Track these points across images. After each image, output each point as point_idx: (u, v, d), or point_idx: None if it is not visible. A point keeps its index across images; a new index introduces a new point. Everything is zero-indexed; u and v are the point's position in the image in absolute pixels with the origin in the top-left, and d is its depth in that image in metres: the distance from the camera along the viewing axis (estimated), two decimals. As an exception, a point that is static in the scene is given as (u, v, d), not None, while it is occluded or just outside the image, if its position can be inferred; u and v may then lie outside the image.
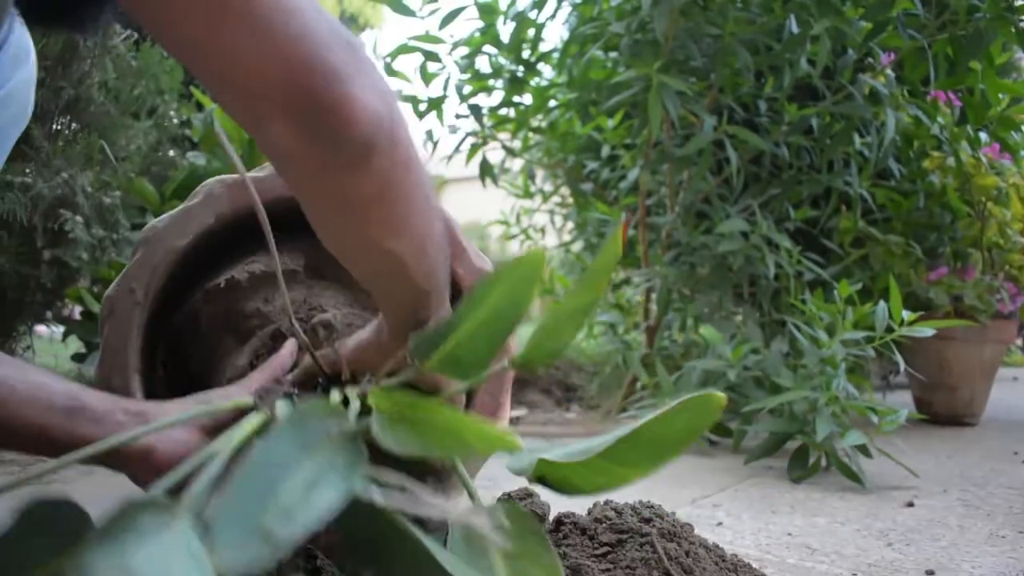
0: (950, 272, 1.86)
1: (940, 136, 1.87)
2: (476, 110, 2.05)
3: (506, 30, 1.96)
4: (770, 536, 0.95)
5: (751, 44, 1.66)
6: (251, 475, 0.41)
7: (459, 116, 2.10)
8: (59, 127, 1.59)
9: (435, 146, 2.11)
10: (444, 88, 1.99)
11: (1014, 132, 1.91)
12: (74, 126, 1.62)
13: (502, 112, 2.16)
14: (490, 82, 2.07)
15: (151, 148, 1.80)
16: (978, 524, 1.00)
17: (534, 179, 2.50)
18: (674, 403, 0.48)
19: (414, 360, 0.59)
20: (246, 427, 0.59)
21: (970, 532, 0.97)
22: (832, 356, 1.32)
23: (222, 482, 0.51)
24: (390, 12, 1.92)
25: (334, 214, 0.50)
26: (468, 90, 2.02)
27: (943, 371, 1.92)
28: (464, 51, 2.01)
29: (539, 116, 2.21)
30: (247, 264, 0.80)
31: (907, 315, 1.29)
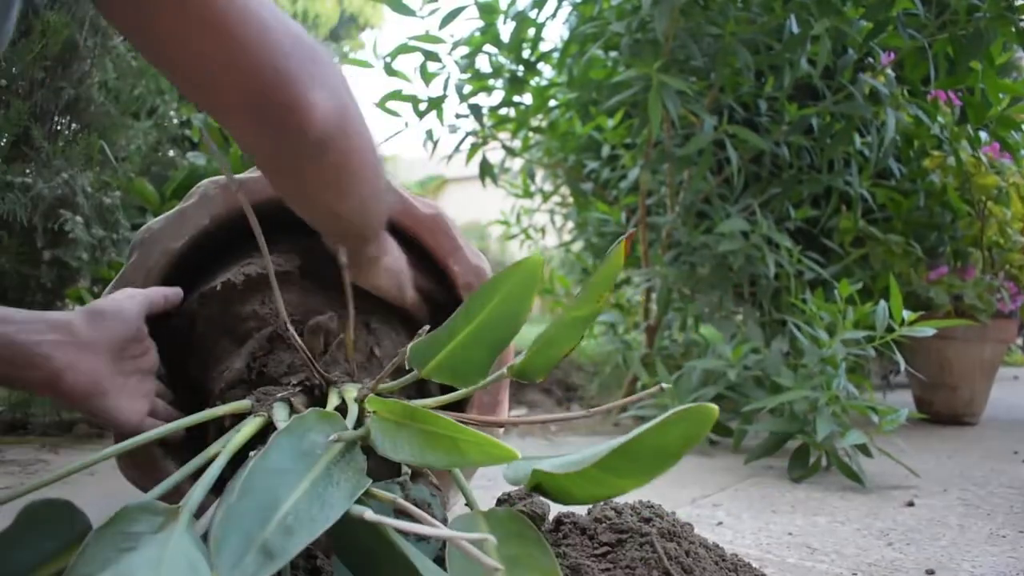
0: (950, 271, 1.86)
1: (940, 136, 1.87)
2: (476, 110, 2.04)
3: (506, 30, 1.96)
4: (770, 536, 0.95)
5: (751, 44, 1.65)
6: (251, 488, 0.42)
7: (459, 116, 2.09)
8: (59, 127, 1.59)
9: (435, 146, 2.11)
10: (444, 88, 1.99)
11: (1014, 131, 1.91)
12: (74, 126, 1.61)
13: (502, 112, 2.15)
14: (490, 82, 2.07)
15: (151, 148, 1.80)
16: (978, 523, 1.00)
17: (534, 179, 2.49)
18: (668, 414, 0.48)
19: (412, 365, 0.60)
20: (244, 431, 0.59)
21: (970, 531, 0.97)
22: (832, 356, 1.32)
23: (220, 488, 0.52)
24: (390, 12, 1.92)
25: (293, 189, 0.60)
26: (468, 90, 2.02)
27: (943, 370, 1.92)
28: (464, 51, 2.00)
29: (539, 116, 2.21)
30: (243, 266, 0.80)
31: (907, 315, 1.29)
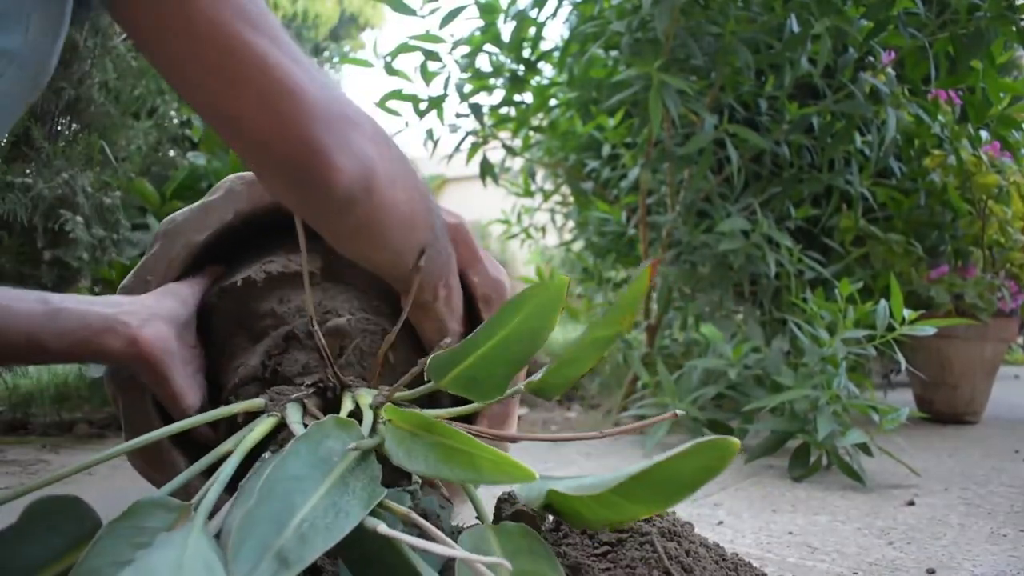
0: (951, 270, 1.86)
1: (941, 135, 1.87)
2: (476, 109, 2.04)
3: (507, 29, 1.96)
4: (771, 535, 0.95)
5: (752, 43, 1.65)
6: (268, 494, 0.41)
7: (460, 115, 2.09)
8: (59, 127, 1.59)
9: (436, 145, 2.11)
10: (444, 87, 1.99)
11: (1015, 130, 1.91)
12: (74, 126, 1.62)
13: (503, 111, 2.15)
14: (491, 81, 2.07)
15: (151, 148, 1.80)
16: (979, 522, 1.00)
17: (535, 178, 2.49)
18: (688, 445, 0.47)
19: (431, 377, 0.60)
20: (257, 430, 0.60)
21: (971, 530, 0.96)
22: (833, 355, 1.32)
23: (232, 486, 0.52)
24: (390, 11, 1.92)
25: (326, 235, 0.62)
26: (468, 89, 2.02)
27: (944, 369, 1.92)
28: (465, 50, 2.00)
29: (540, 115, 2.21)
30: (264, 264, 0.80)
31: (908, 314, 1.29)
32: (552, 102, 2.17)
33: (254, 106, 0.50)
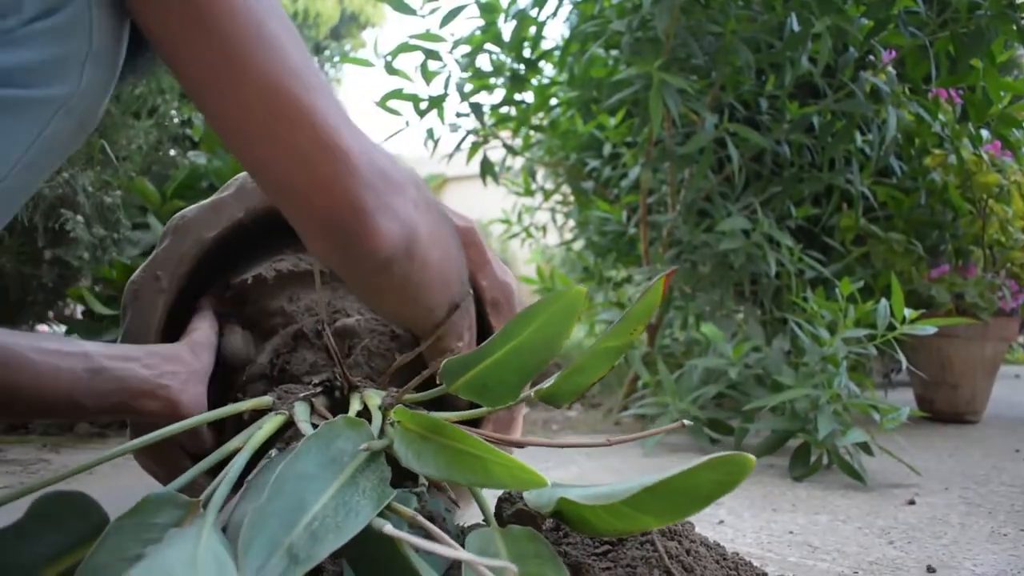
0: (952, 270, 1.86)
1: (941, 134, 1.87)
2: (477, 108, 2.04)
3: (507, 28, 1.96)
4: (771, 534, 0.95)
5: (752, 42, 1.65)
6: (279, 492, 0.41)
7: (460, 114, 2.09)
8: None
9: (436, 144, 2.11)
10: (445, 86, 1.99)
11: (1015, 129, 1.91)
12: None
13: (503, 110, 2.15)
14: (491, 80, 2.07)
15: (152, 147, 1.80)
16: (980, 522, 1.00)
17: (535, 177, 2.49)
18: (704, 460, 0.47)
19: (442, 381, 0.60)
20: (265, 428, 0.60)
21: (971, 530, 0.96)
22: (834, 354, 1.32)
23: (238, 483, 0.52)
24: (391, 11, 1.92)
25: (359, 292, 0.62)
26: (469, 88, 2.02)
27: (945, 369, 1.92)
28: (465, 49, 2.00)
29: (540, 114, 2.21)
30: (275, 262, 0.81)
31: (909, 313, 1.29)
32: (553, 101, 2.17)
33: (299, 164, 0.50)
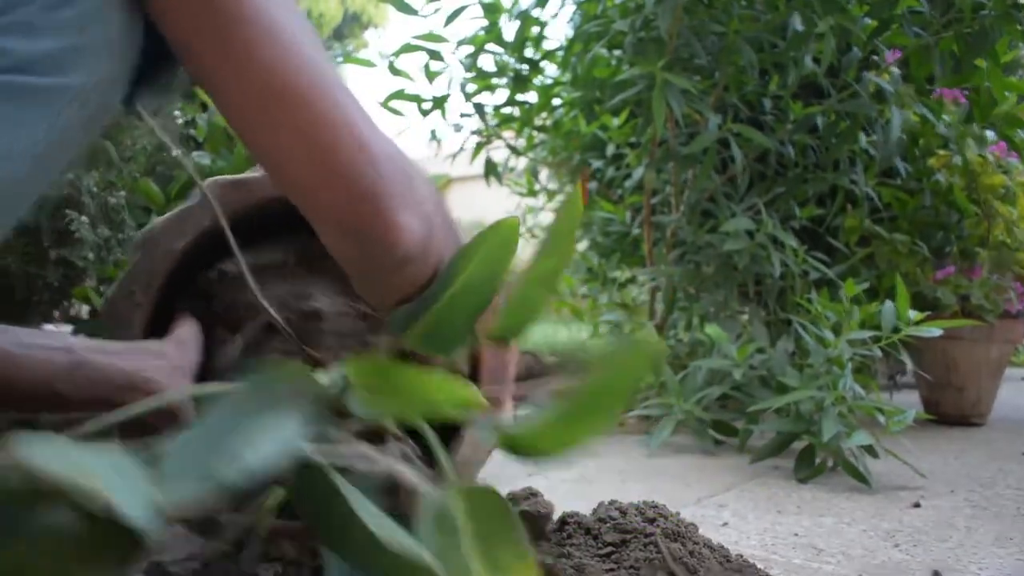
0: (957, 271, 1.86)
1: (946, 134, 1.86)
2: (480, 108, 2.04)
3: (510, 28, 1.96)
4: (776, 536, 0.95)
5: (755, 42, 1.65)
6: (205, 423, 0.40)
7: (463, 115, 2.09)
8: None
9: (439, 145, 2.11)
10: (448, 86, 1.99)
11: (1020, 130, 1.90)
12: (78, 126, 1.61)
13: (506, 110, 2.15)
14: (494, 80, 2.06)
15: (156, 148, 1.80)
16: (985, 525, 1.00)
17: (538, 177, 2.49)
18: (608, 351, 0.45)
19: (392, 330, 0.59)
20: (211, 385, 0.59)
21: (977, 533, 0.96)
22: (838, 356, 1.32)
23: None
24: (394, 11, 1.92)
25: (366, 287, 0.61)
26: (472, 88, 2.02)
27: (950, 371, 1.91)
28: (468, 49, 2.00)
29: (543, 114, 2.21)
30: (244, 255, 0.81)
31: (914, 315, 1.29)
32: (556, 101, 2.17)
33: (316, 158, 0.49)
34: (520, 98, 2.11)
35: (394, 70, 1.95)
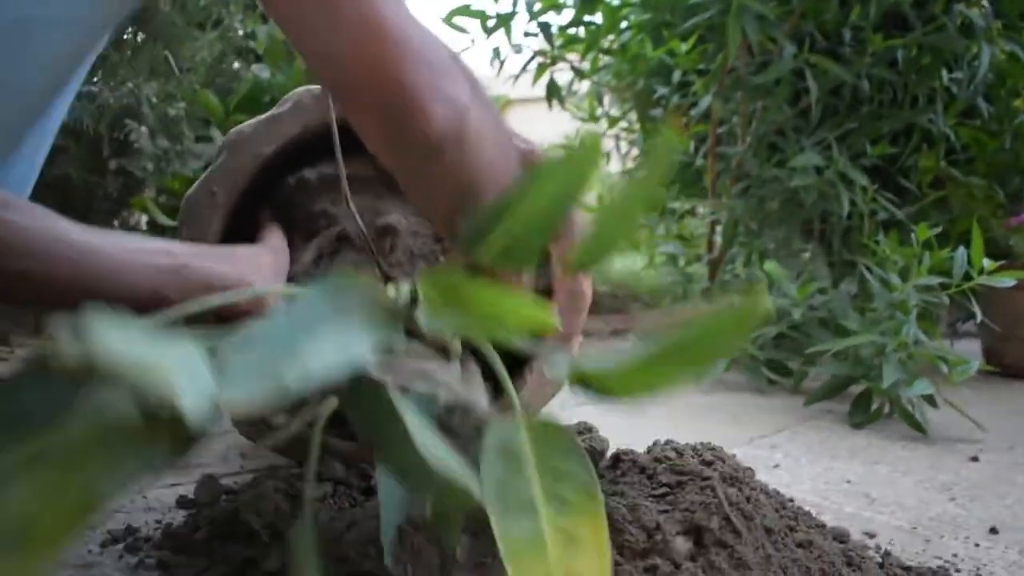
0: (1032, 218, 1.78)
1: (1035, 74, 1.77)
2: (546, 28, 1.99)
3: (580, -55, 1.89)
4: (828, 482, 0.93)
5: (839, -33, 1.57)
6: (272, 323, 0.38)
7: (528, 34, 2.04)
8: (125, 36, 1.59)
9: (502, 65, 2.07)
10: (514, 4, 1.94)
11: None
12: (140, 36, 1.61)
13: (572, 31, 2.09)
14: (561, 0, 2.01)
15: (216, 60, 1.79)
16: (1047, 483, 0.97)
17: (602, 102, 2.43)
18: (714, 309, 0.43)
19: (464, 244, 0.57)
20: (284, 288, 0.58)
21: (1038, 491, 0.93)
22: (904, 301, 1.28)
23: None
24: (461, -76, 1.86)
25: (407, 184, 0.59)
26: (538, 7, 1.97)
27: (1017, 323, 1.85)
28: (536, -34, 1.94)
29: (610, 37, 2.15)
30: (321, 167, 0.81)
31: (987, 263, 1.24)
32: (623, 24, 2.10)
33: (349, 46, 0.50)
34: (587, 19, 2.05)
35: (458, -14, 1.90)
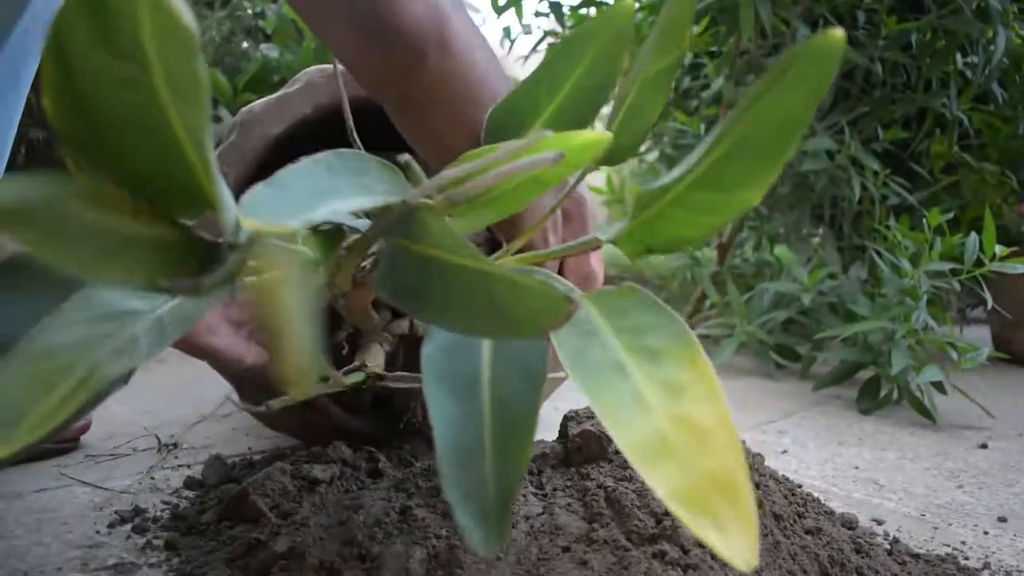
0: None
1: (1051, 58, 1.75)
2: (557, 8, 1.98)
3: (592, -76, 1.87)
4: (836, 468, 0.93)
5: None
6: (297, 170, 0.36)
7: (539, 13, 2.03)
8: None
9: (512, 45, 2.05)
10: (525, -16, 1.93)
11: None
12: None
13: (583, 12, 2.08)
14: (572, -20, 1.99)
15: (224, 39, 1.78)
16: (1056, 471, 0.97)
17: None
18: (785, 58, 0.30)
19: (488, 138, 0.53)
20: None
21: (1047, 479, 0.93)
22: (914, 287, 1.27)
23: None
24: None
25: (399, 112, 0.58)
26: (549, -13, 1.95)
27: (1027, 308, 1.84)
28: (547, -55, 1.93)
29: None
30: (332, 147, 0.80)
31: (999, 249, 1.23)
32: (635, 5, 2.09)
33: None
34: (598, -1, 2.04)
35: (469, -35, 1.89)
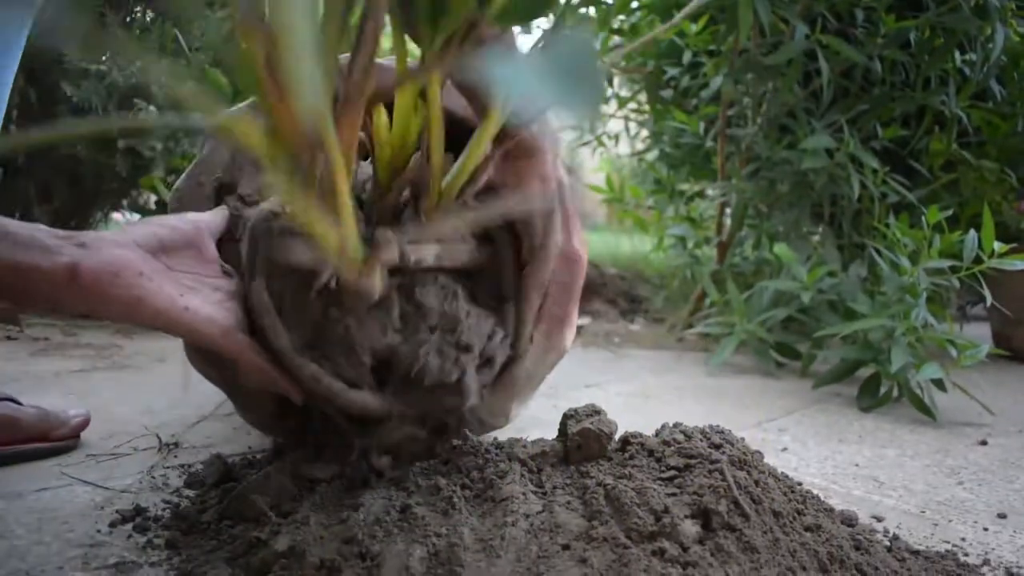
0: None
1: (1049, 55, 1.75)
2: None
3: (591, -76, 1.87)
4: (836, 466, 0.93)
5: (852, -53, 1.55)
6: None
7: (537, 15, 2.03)
8: (134, 15, 1.59)
9: (511, 46, 2.05)
10: (523, -16, 1.92)
11: None
12: (149, 15, 1.60)
13: (582, 11, 2.08)
14: (571, -20, 1.99)
15: (225, 39, 1.78)
16: (1056, 467, 0.97)
17: (612, 83, 2.42)
18: None
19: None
20: None
21: (1047, 475, 0.93)
22: (914, 284, 1.27)
23: None
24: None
25: None
26: (548, -13, 1.95)
27: (1026, 305, 1.84)
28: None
29: (621, 17, 2.13)
30: None
31: (999, 246, 1.23)
32: (634, 4, 2.08)
33: None
34: (597, -1, 2.04)
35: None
